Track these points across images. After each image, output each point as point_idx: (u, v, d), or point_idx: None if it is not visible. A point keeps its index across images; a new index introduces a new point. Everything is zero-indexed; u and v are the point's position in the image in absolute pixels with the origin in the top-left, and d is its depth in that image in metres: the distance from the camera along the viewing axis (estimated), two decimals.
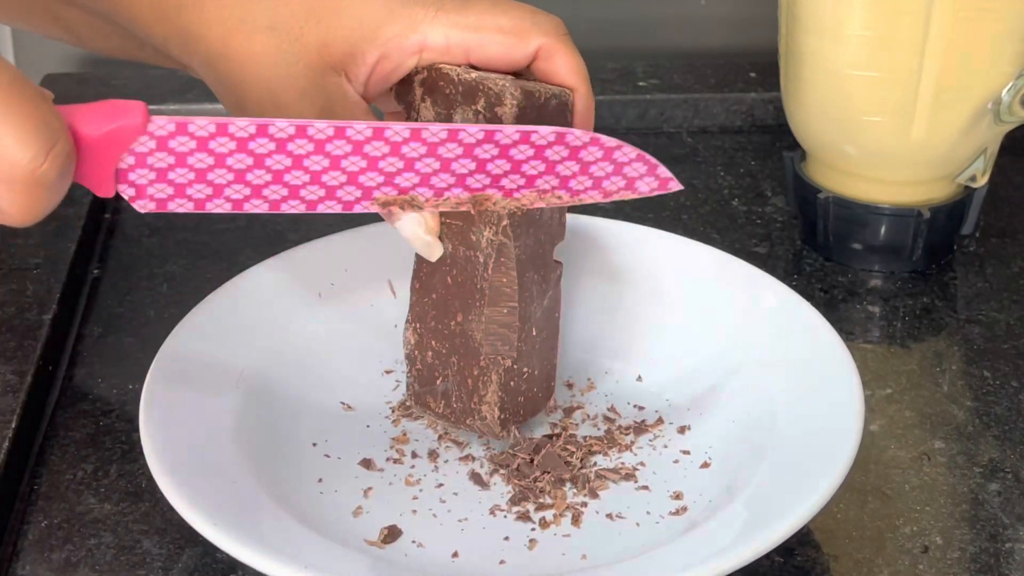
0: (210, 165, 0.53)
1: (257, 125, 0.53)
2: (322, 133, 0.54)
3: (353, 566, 0.55)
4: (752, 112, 0.97)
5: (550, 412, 0.66)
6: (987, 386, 0.71)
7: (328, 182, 0.56)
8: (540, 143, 0.58)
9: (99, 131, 0.51)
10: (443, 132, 0.56)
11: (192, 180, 0.54)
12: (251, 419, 0.62)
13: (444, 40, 0.59)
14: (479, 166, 0.57)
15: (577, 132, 0.58)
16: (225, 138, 0.53)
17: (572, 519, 0.60)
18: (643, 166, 0.60)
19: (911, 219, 0.78)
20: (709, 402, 0.66)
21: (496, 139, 0.57)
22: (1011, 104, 0.75)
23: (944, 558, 0.60)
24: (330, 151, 0.55)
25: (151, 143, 0.52)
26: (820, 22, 0.75)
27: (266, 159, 0.54)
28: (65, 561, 0.58)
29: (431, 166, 0.57)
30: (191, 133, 0.53)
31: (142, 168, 0.53)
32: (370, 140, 0.55)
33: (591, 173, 0.59)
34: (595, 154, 0.59)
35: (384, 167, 0.56)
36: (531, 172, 0.58)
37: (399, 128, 0.56)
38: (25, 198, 0.47)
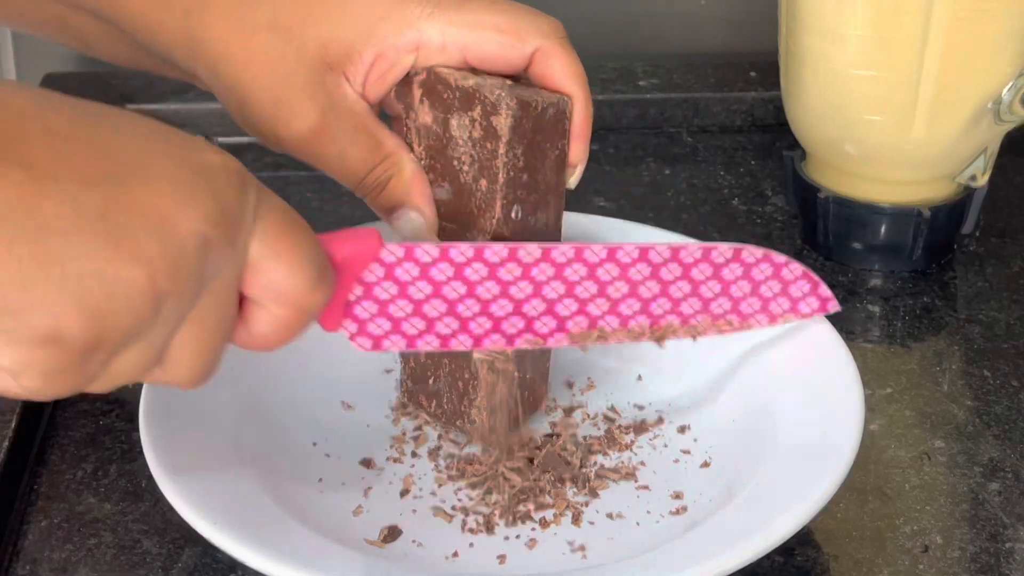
0: (427, 295, 0.55)
1: (475, 248, 0.55)
2: (530, 256, 0.56)
3: (353, 566, 0.55)
4: (752, 112, 0.97)
5: (550, 412, 0.66)
6: (987, 386, 0.71)
7: (528, 312, 0.57)
8: (718, 260, 0.59)
9: (339, 256, 0.52)
10: (635, 251, 0.58)
11: (409, 314, 0.55)
12: (251, 419, 0.62)
13: (440, 38, 0.59)
14: (663, 289, 0.59)
15: (751, 248, 0.60)
16: (445, 264, 0.54)
17: (572, 519, 0.60)
18: (807, 284, 0.62)
19: (911, 219, 0.78)
20: (709, 402, 0.66)
21: (680, 258, 0.59)
22: (1011, 104, 0.75)
23: (944, 558, 0.60)
24: (535, 275, 0.56)
25: (380, 271, 0.53)
26: (820, 22, 0.75)
27: (477, 287, 0.55)
28: (65, 561, 0.58)
29: (620, 290, 0.58)
30: (416, 259, 0.54)
31: (368, 300, 0.54)
32: (571, 263, 0.57)
33: (760, 293, 0.61)
34: (765, 272, 0.61)
35: (579, 292, 0.58)
36: (707, 295, 0.60)
37: (596, 249, 0.57)
38: (286, 323, 0.48)
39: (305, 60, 0.58)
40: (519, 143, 0.58)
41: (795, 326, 0.65)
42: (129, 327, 0.43)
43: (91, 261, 0.41)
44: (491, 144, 0.58)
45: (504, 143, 0.57)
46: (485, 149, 0.58)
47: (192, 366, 0.46)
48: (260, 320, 0.48)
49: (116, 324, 0.42)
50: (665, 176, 0.91)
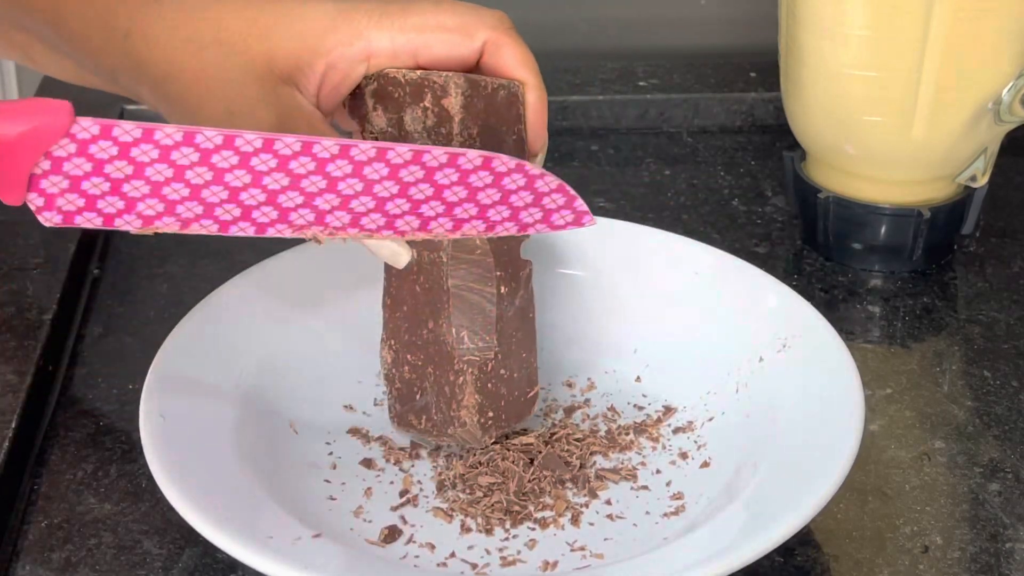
0: (127, 175, 0.51)
1: (185, 132, 0.51)
2: (249, 145, 0.53)
3: (353, 566, 0.55)
4: (752, 112, 0.97)
5: (550, 412, 0.66)
6: (987, 386, 0.71)
7: (246, 200, 0.54)
8: (466, 167, 0.57)
9: (16, 130, 0.49)
10: (372, 150, 0.55)
11: (106, 192, 0.51)
12: (251, 419, 0.62)
13: (390, 44, 0.59)
14: (402, 190, 0.56)
15: (504, 158, 0.57)
16: (149, 145, 0.51)
17: (572, 519, 0.60)
18: (562, 197, 0.59)
19: (911, 219, 0.78)
20: (709, 402, 0.66)
21: (423, 161, 0.56)
22: (1011, 104, 0.75)
23: (944, 558, 0.60)
24: (254, 165, 0.53)
25: (71, 146, 0.50)
26: (820, 22, 0.75)
27: (187, 171, 0.52)
28: (65, 561, 0.58)
29: (354, 188, 0.56)
30: (115, 138, 0.51)
31: (56, 175, 0.51)
32: (297, 156, 0.54)
33: (511, 203, 0.59)
34: (518, 182, 0.58)
35: (306, 187, 0.55)
36: (451, 199, 0.58)
37: (327, 144, 0.54)
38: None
39: (255, 73, 0.58)
40: (472, 123, 0.57)
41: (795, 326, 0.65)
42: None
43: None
44: (445, 128, 0.58)
45: (457, 122, 0.57)
46: (440, 135, 0.58)
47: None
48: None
49: None
50: (665, 176, 0.91)
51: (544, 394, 0.67)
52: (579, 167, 0.92)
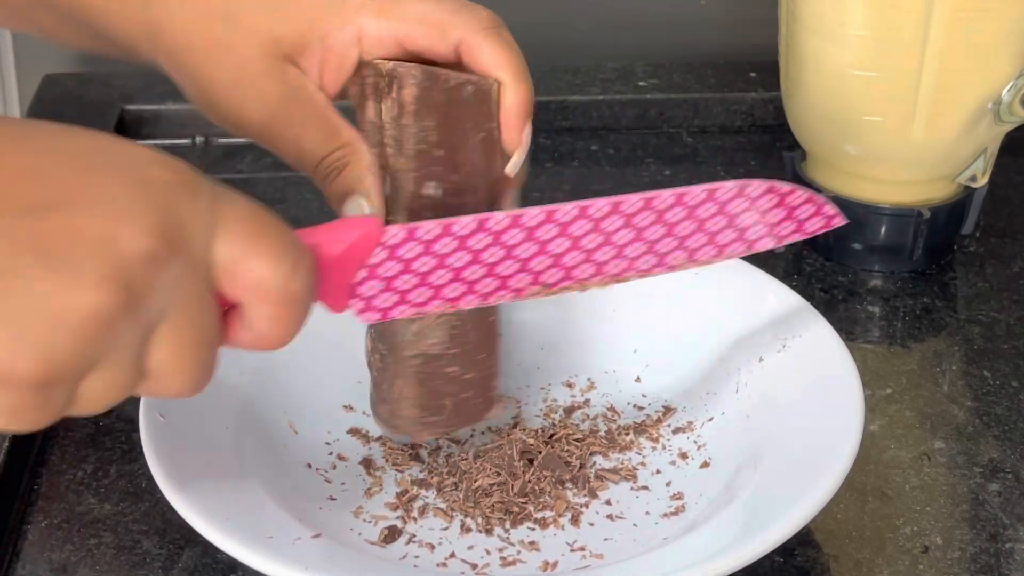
0: (432, 267, 0.55)
1: (478, 220, 0.55)
2: (534, 220, 0.56)
3: (353, 566, 0.55)
4: (752, 112, 0.97)
5: (547, 415, 0.66)
6: (987, 386, 0.71)
7: (534, 267, 0.57)
8: (724, 198, 0.59)
9: (339, 248, 0.52)
10: (640, 202, 0.58)
11: (416, 285, 0.55)
12: (251, 420, 0.62)
13: (377, 30, 0.59)
14: (668, 230, 0.59)
15: (755, 183, 0.59)
16: (448, 238, 0.54)
17: (572, 519, 0.60)
18: (811, 207, 0.61)
19: (911, 219, 0.78)
20: (709, 402, 0.66)
21: (685, 202, 0.58)
22: (1011, 104, 0.75)
23: (944, 558, 0.60)
24: (540, 236, 0.56)
25: (383, 253, 0.53)
26: (820, 22, 0.75)
27: (482, 254, 0.55)
28: (65, 561, 0.58)
29: (625, 237, 0.58)
30: (419, 238, 0.54)
31: (373, 280, 0.54)
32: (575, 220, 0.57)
33: (767, 221, 0.60)
34: (771, 201, 0.60)
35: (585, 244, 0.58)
36: (712, 229, 0.60)
37: (601, 204, 0.57)
38: (279, 317, 0.48)
39: (262, 49, 0.58)
40: (428, 115, 0.57)
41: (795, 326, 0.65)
42: (82, 355, 0.42)
43: (31, 293, 0.41)
44: (405, 119, 0.58)
45: (410, 113, 0.57)
46: (400, 126, 0.58)
47: (182, 377, 0.46)
48: (255, 319, 0.48)
49: (67, 355, 0.42)
50: (665, 176, 0.91)
51: (544, 394, 0.67)
52: (579, 167, 0.92)
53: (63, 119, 0.75)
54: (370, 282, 0.54)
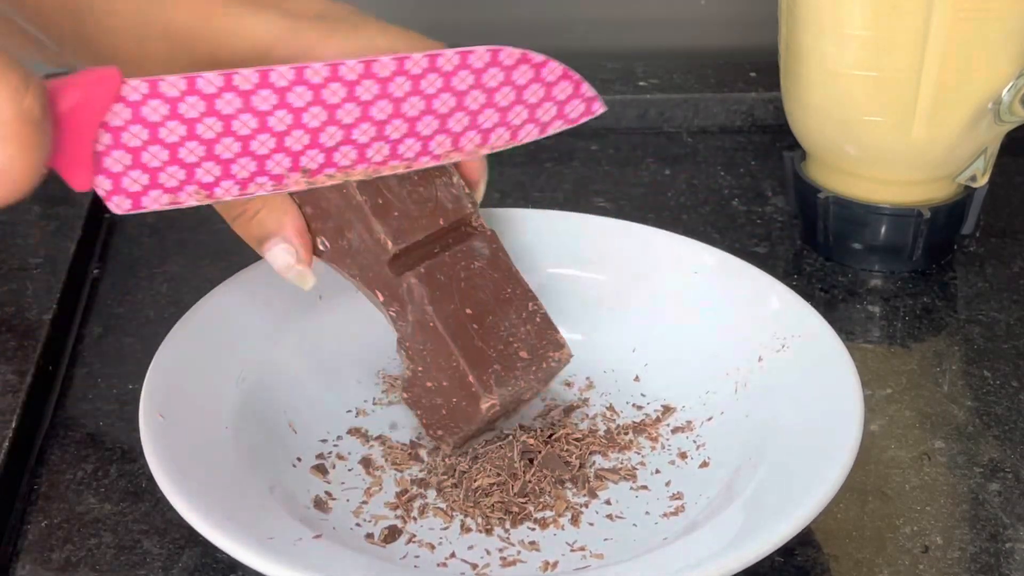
0: (181, 137, 0.51)
1: (223, 75, 0.52)
2: (283, 79, 0.52)
3: (353, 566, 0.55)
4: (752, 112, 0.97)
5: (546, 414, 0.66)
6: (987, 386, 0.71)
7: (292, 145, 0.53)
8: (477, 65, 0.55)
9: (69, 102, 0.49)
10: (392, 64, 0.54)
11: (165, 162, 0.52)
12: (251, 418, 0.62)
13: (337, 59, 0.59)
14: (427, 105, 0.55)
15: (509, 49, 0.56)
16: (194, 97, 0.51)
17: (571, 519, 0.60)
18: (569, 85, 0.58)
19: (911, 219, 0.78)
20: (708, 402, 0.66)
21: (438, 65, 0.55)
22: (1011, 104, 0.75)
23: (944, 558, 0.60)
24: (291, 102, 0.53)
25: (126, 112, 0.50)
26: (820, 22, 0.75)
27: (233, 121, 0.52)
28: (65, 561, 0.58)
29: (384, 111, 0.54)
30: (163, 94, 0.51)
31: (117, 150, 0.51)
32: (327, 82, 0.53)
33: (525, 100, 0.57)
34: (527, 75, 0.57)
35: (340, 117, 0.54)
36: (473, 107, 0.56)
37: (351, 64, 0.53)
38: (18, 143, 0.46)
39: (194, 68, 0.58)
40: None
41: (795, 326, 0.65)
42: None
43: None
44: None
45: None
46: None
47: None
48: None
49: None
50: (665, 176, 0.91)
51: (543, 394, 0.67)
52: (579, 167, 0.92)
53: None
54: (115, 152, 0.51)
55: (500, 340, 0.61)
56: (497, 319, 0.61)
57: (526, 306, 0.62)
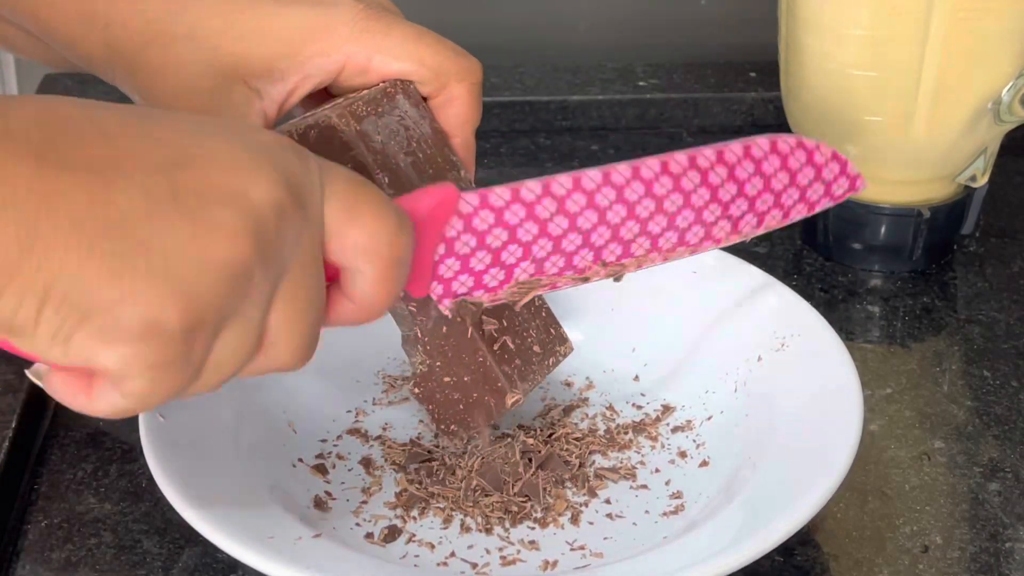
0: (504, 242, 0.54)
1: (542, 183, 0.54)
2: (592, 181, 0.55)
3: (353, 566, 0.55)
4: (752, 112, 0.97)
5: (546, 414, 0.66)
6: (987, 386, 0.71)
7: (596, 241, 0.56)
8: (758, 155, 0.58)
9: (421, 218, 0.51)
10: (685, 159, 0.57)
11: (488, 265, 0.54)
12: (251, 419, 0.62)
13: (365, 62, 0.59)
14: (713, 195, 0.58)
15: (785, 136, 0.59)
16: (517, 205, 0.54)
17: (571, 518, 0.60)
18: (836, 165, 0.61)
19: (911, 219, 0.78)
20: (708, 402, 0.66)
21: (726, 159, 0.58)
22: (1011, 104, 0.75)
23: (944, 558, 0.60)
24: (599, 203, 0.56)
25: (459, 223, 0.53)
26: (820, 22, 0.75)
27: (548, 224, 0.55)
28: (65, 561, 0.58)
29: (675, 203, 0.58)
30: (491, 205, 0.53)
31: (451, 258, 0.53)
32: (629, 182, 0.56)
33: (798, 183, 0.60)
34: (800, 159, 0.60)
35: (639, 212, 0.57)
36: (751, 193, 0.59)
37: (651, 163, 0.56)
38: (383, 280, 0.48)
39: (216, 68, 0.58)
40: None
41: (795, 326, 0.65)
42: (223, 301, 0.43)
43: (173, 242, 0.42)
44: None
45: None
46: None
47: (293, 345, 0.47)
48: (358, 285, 0.48)
49: (210, 299, 0.43)
50: None
51: (543, 393, 0.67)
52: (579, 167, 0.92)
53: None
54: (448, 260, 0.54)
55: (517, 335, 0.61)
56: (512, 314, 0.61)
57: (533, 301, 0.62)
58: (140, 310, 0.41)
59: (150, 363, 0.42)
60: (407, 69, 0.59)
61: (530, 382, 0.62)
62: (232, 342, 0.44)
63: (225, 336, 0.44)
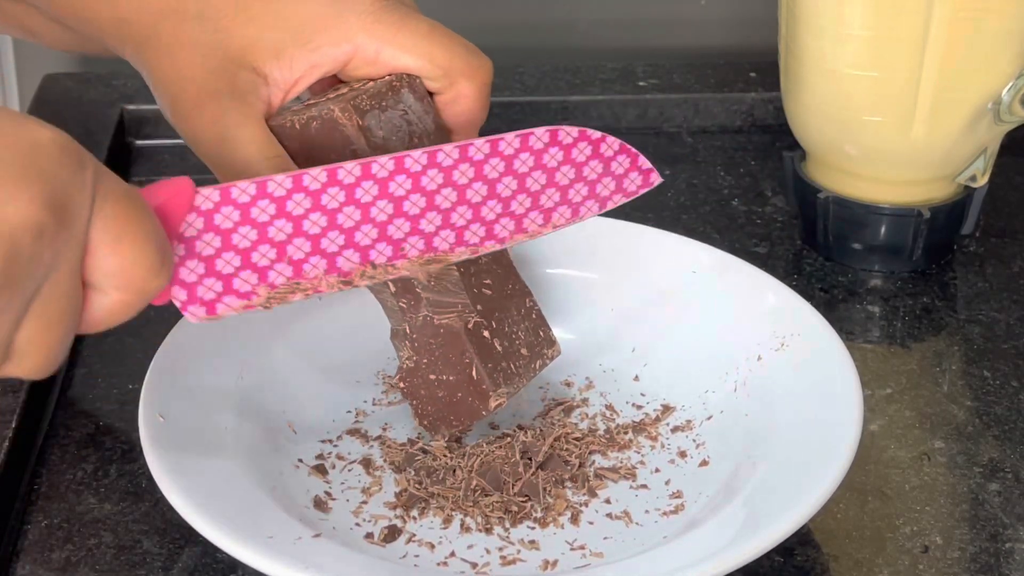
0: (253, 242, 0.51)
1: (292, 178, 0.52)
2: (351, 176, 0.53)
3: (353, 566, 0.55)
4: (752, 112, 0.97)
5: (546, 414, 0.66)
6: (987, 386, 0.71)
7: (360, 241, 0.54)
8: (537, 147, 0.57)
9: (154, 203, 0.48)
10: (455, 151, 0.55)
11: (238, 268, 0.51)
12: (251, 419, 0.62)
13: (375, 54, 0.59)
14: (490, 190, 0.56)
15: (567, 128, 0.57)
16: (265, 200, 0.51)
17: (571, 518, 0.60)
18: (627, 159, 0.59)
19: (911, 219, 0.78)
20: (708, 401, 0.66)
21: (501, 150, 0.56)
22: (1011, 104, 0.75)
23: (944, 558, 0.60)
24: (359, 197, 0.53)
25: (199, 221, 0.50)
26: (820, 22, 0.75)
27: (303, 221, 0.52)
28: (65, 561, 0.58)
29: (448, 198, 0.55)
30: (234, 200, 0.51)
31: (191, 260, 0.50)
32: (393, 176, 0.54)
33: (585, 178, 0.58)
34: (585, 151, 0.58)
35: (407, 209, 0.54)
36: (534, 188, 0.57)
37: (416, 155, 0.54)
38: (127, 307, 0.46)
39: (224, 50, 0.58)
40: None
41: (795, 326, 0.65)
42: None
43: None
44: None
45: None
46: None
47: (39, 358, 0.44)
48: (97, 305, 0.46)
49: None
50: (665, 176, 0.90)
51: (543, 393, 0.67)
52: None
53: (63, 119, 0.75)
54: (189, 262, 0.50)
55: (505, 337, 0.61)
56: (502, 315, 0.61)
57: (524, 302, 0.62)
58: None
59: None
60: (416, 64, 0.59)
61: (515, 385, 0.61)
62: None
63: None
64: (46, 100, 0.95)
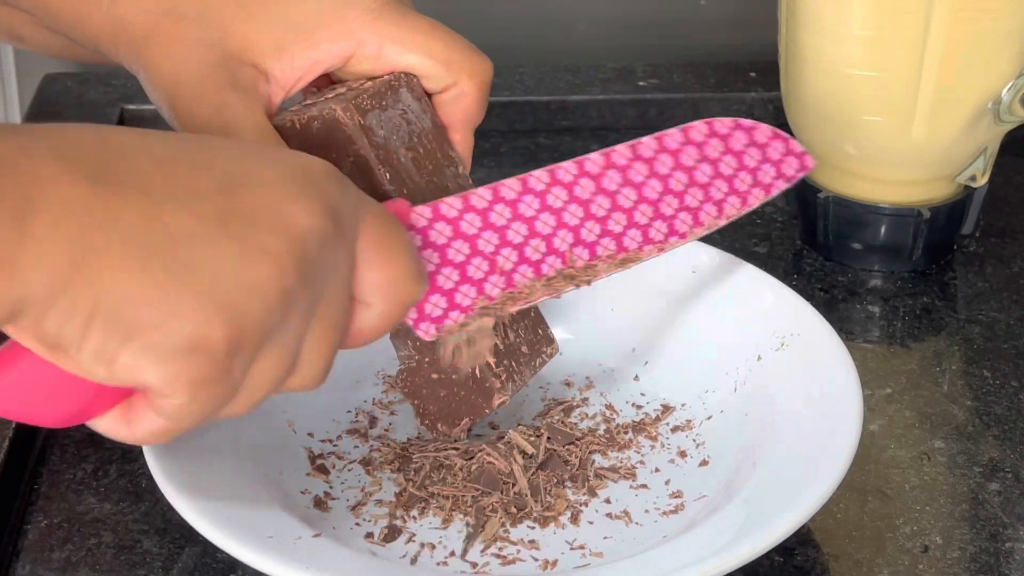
0: (467, 256, 0.54)
1: (491, 189, 0.54)
2: (541, 183, 0.55)
3: (353, 566, 0.55)
4: (752, 112, 0.97)
5: (546, 414, 0.66)
6: (987, 386, 0.71)
7: (559, 246, 0.56)
8: (698, 139, 0.58)
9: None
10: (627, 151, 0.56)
11: (457, 282, 0.54)
12: (251, 418, 0.62)
13: (376, 50, 0.59)
14: (665, 186, 0.57)
15: (720, 119, 0.58)
16: (471, 214, 0.53)
17: (571, 518, 0.60)
18: (780, 144, 0.60)
19: (911, 219, 0.78)
20: (708, 401, 0.66)
21: (667, 145, 0.57)
22: (1011, 104, 0.75)
23: (944, 558, 0.60)
24: (551, 203, 0.55)
25: (417, 239, 0.52)
26: (820, 22, 0.75)
27: (507, 231, 0.54)
28: (65, 561, 0.58)
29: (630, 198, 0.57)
30: (444, 216, 0.53)
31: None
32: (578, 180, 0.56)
33: (746, 165, 0.59)
34: (741, 140, 0.59)
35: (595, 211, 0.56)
36: (702, 180, 0.58)
37: (595, 158, 0.56)
38: (391, 317, 0.49)
39: (224, 47, 0.58)
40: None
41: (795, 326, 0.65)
42: (266, 323, 0.44)
43: (221, 263, 0.43)
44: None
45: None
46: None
47: (317, 369, 0.47)
48: (365, 318, 0.49)
49: (254, 320, 0.43)
50: None
51: (542, 393, 0.67)
52: None
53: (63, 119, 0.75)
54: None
55: (506, 335, 0.61)
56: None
57: None
58: (187, 327, 0.42)
59: (193, 380, 0.43)
60: (418, 61, 0.59)
61: (516, 383, 0.61)
62: (270, 363, 0.45)
63: (264, 357, 0.45)
64: (46, 100, 0.95)
